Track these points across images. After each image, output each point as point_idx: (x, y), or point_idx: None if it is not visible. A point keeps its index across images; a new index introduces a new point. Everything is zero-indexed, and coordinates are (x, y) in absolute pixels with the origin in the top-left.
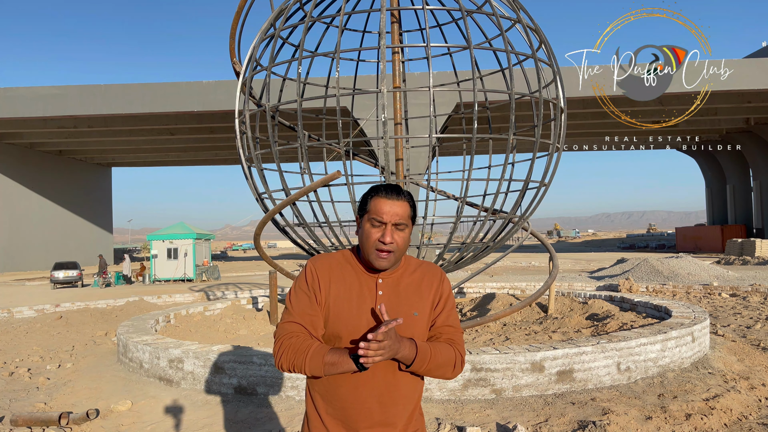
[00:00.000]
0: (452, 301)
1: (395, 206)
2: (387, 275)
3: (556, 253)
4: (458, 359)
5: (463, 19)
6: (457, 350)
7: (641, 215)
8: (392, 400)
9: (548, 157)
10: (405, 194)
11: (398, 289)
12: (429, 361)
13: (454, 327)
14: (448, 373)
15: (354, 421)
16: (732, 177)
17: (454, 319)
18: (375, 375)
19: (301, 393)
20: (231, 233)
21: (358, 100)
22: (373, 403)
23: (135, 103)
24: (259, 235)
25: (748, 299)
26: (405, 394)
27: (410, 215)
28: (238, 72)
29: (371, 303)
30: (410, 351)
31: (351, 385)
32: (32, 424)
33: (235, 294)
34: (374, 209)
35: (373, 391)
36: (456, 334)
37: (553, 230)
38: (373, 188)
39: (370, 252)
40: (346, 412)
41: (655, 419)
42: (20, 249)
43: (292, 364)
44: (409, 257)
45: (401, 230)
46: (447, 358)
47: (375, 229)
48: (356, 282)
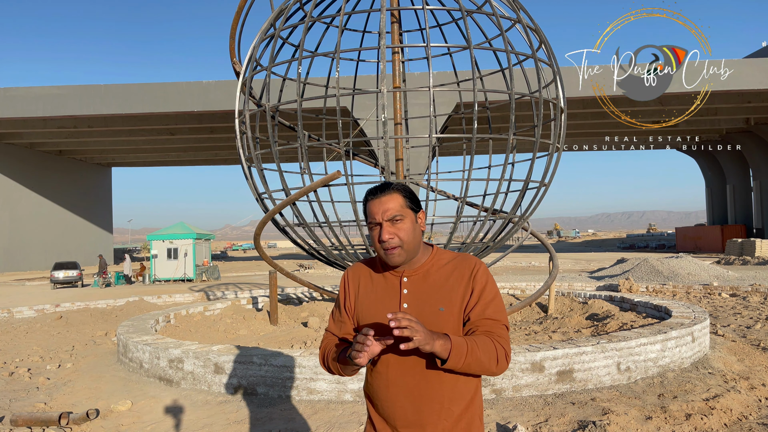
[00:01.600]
0: (491, 293)
1: (383, 203)
2: (413, 272)
3: (556, 253)
4: (500, 353)
5: (463, 19)
6: (497, 343)
7: (641, 215)
8: (424, 401)
9: (548, 157)
10: (394, 187)
11: (424, 286)
12: (467, 355)
13: (493, 319)
14: (492, 368)
15: (393, 420)
16: (732, 177)
17: (494, 311)
18: (405, 374)
19: (301, 393)
20: (231, 233)
21: (358, 100)
22: (406, 402)
23: (135, 103)
24: (259, 235)
25: (748, 299)
26: (439, 395)
27: (405, 205)
28: (238, 72)
29: (397, 302)
30: (444, 345)
31: (383, 384)
32: (32, 424)
33: (235, 294)
34: (368, 214)
35: (403, 390)
36: (496, 326)
37: (553, 230)
38: (365, 194)
39: (380, 252)
40: (385, 411)
41: (655, 419)
42: (20, 249)
43: (326, 367)
44: (443, 251)
45: (399, 222)
46: (487, 351)
47: (374, 232)
48: (383, 283)
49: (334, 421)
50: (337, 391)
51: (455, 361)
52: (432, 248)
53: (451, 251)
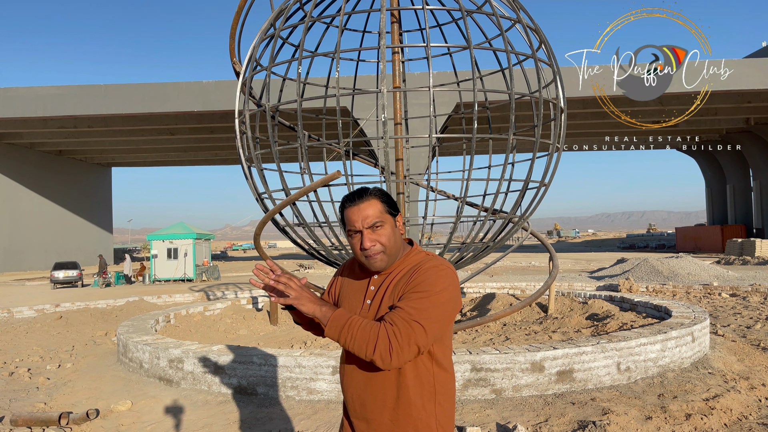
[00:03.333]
0: (425, 290)
1: (362, 210)
2: (383, 273)
3: (556, 253)
4: (382, 342)
5: (463, 19)
6: (385, 331)
7: (641, 215)
8: (368, 396)
9: (548, 157)
10: (371, 193)
11: (385, 284)
12: (342, 329)
13: (404, 310)
14: (368, 353)
15: (347, 409)
16: (732, 177)
17: (411, 304)
18: (356, 367)
19: (301, 393)
20: (231, 233)
21: (358, 100)
22: (354, 394)
23: (135, 103)
24: (259, 235)
25: (748, 299)
26: (382, 393)
27: (384, 210)
28: (238, 72)
29: (362, 297)
30: (326, 312)
31: (342, 373)
32: (32, 424)
33: (235, 294)
34: (347, 221)
35: (353, 382)
36: (399, 316)
37: (553, 230)
38: (341, 201)
39: (362, 260)
40: (345, 400)
41: (655, 419)
42: (20, 249)
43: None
44: (419, 252)
45: (379, 228)
46: (365, 334)
47: (355, 239)
48: (357, 281)
49: (335, 421)
50: (337, 391)
51: (331, 331)
52: (411, 247)
53: (428, 252)
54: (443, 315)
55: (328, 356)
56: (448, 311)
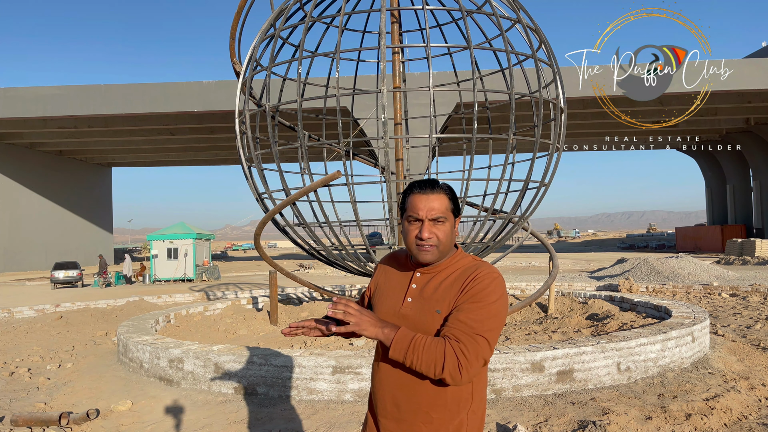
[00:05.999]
0: (481, 299)
1: (430, 201)
2: (427, 270)
3: (556, 253)
4: (450, 361)
5: (463, 19)
6: (452, 349)
7: (641, 215)
8: (403, 398)
9: (548, 157)
10: (442, 187)
11: (431, 285)
12: (408, 350)
13: (465, 324)
14: (435, 372)
15: (376, 407)
16: (732, 177)
17: (473, 317)
18: (392, 366)
19: (301, 393)
20: (231, 233)
21: (358, 100)
22: (387, 394)
23: (135, 103)
24: (259, 235)
25: (748, 299)
26: (417, 397)
27: (449, 208)
28: (238, 72)
29: (403, 295)
30: (389, 334)
31: (376, 370)
32: (32, 424)
33: (235, 294)
34: (410, 206)
35: (388, 382)
36: (462, 331)
37: (553, 230)
38: (409, 185)
39: (412, 248)
40: (374, 397)
41: (655, 419)
42: (20, 249)
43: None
44: (466, 255)
45: (441, 223)
46: (431, 354)
47: (413, 227)
48: (398, 275)
49: (334, 421)
50: (337, 391)
51: (396, 353)
52: (456, 250)
53: (474, 257)
54: (500, 324)
55: (328, 356)
56: (502, 320)
